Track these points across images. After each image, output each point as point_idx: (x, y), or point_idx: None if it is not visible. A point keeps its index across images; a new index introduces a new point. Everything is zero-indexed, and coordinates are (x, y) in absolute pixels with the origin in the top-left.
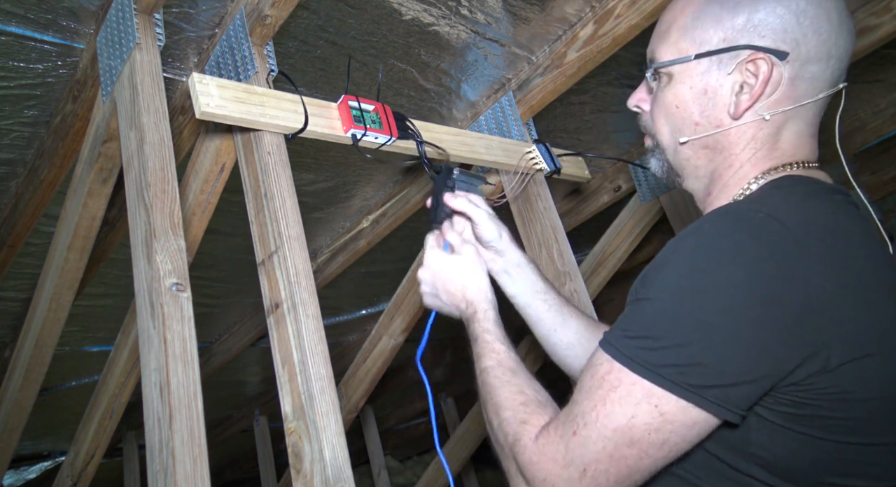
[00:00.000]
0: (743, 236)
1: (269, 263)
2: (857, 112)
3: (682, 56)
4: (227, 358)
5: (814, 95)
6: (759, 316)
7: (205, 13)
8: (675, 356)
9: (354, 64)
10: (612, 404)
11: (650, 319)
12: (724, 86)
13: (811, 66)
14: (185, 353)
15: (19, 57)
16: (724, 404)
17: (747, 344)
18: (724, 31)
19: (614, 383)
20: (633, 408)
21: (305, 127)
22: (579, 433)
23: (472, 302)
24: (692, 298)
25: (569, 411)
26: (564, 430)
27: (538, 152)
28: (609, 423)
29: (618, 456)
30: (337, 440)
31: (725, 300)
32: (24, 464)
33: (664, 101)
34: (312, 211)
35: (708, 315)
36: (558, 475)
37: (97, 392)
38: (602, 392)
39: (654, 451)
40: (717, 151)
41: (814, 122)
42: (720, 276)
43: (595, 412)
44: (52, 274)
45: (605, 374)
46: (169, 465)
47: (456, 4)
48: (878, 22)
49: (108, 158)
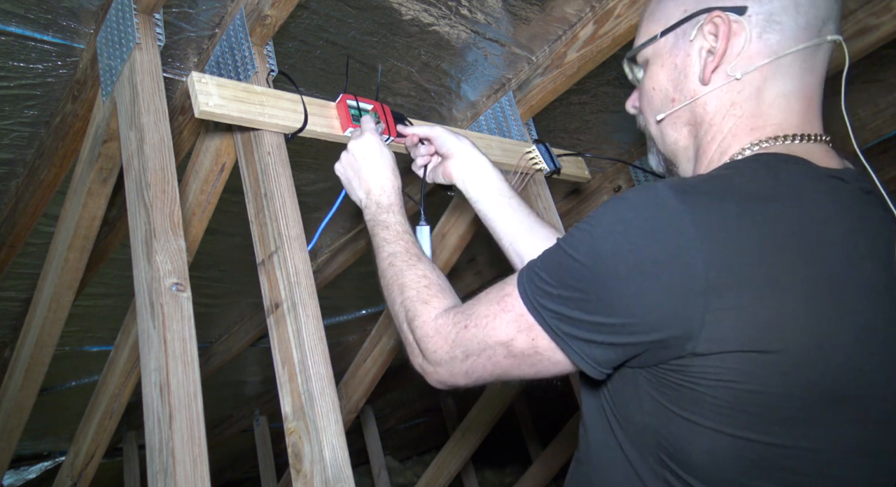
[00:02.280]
0: (641, 211)
1: (269, 263)
2: (857, 112)
3: (650, 37)
4: (227, 358)
5: (791, 47)
6: (634, 287)
7: (205, 13)
8: (558, 304)
9: (354, 64)
10: (501, 322)
11: (553, 267)
12: (690, 55)
13: (778, 16)
14: (185, 353)
15: (19, 57)
16: (585, 357)
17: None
18: (685, 4)
19: (509, 307)
20: (515, 333)
21: (305, 126)
22: (469, 328)
23: (384, 189)
24: (585, 258)
25: (470, 306)
26: (458, 320)
27: (538, 152)
28: (492, 334)
29: (494, 360)
30: (337, 440)
31: (608, 265)
32: (24, 464)
33: (645, 89)
34: (312, 211)
35: (592, 274)
36: (446, 351)
37: (97, 392)
38: (498, 307)
39: (526, 368)
40: (698, 126)
41: (805, 82)
42: (610, 242)
43: (486, 320)
44: (52, 274)
45: (507, 296)
46: (169, 465)
47: (456, 4)
48: (878, 22)
49: (108, 158)
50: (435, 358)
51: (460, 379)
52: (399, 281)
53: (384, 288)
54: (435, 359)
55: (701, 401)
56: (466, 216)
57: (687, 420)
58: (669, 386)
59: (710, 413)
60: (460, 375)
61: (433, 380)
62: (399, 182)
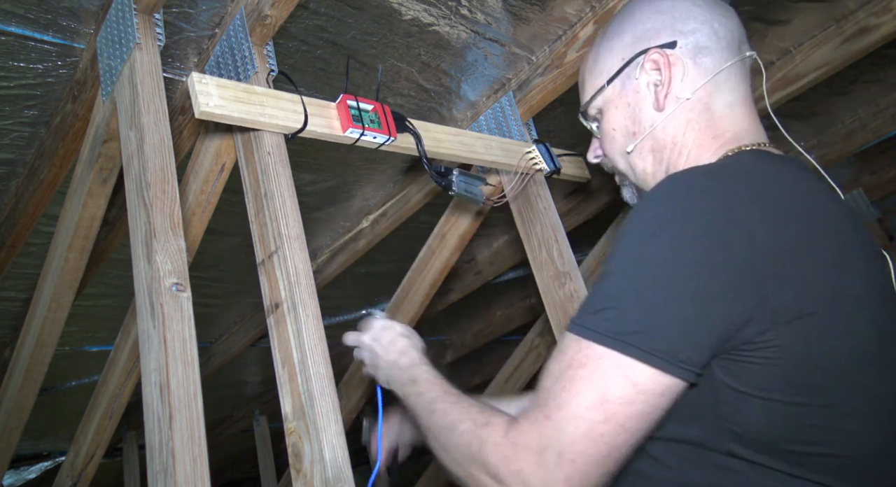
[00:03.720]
0: (684, 197)
1: (269, 263)
2: (857, 112)
3: (597, 89)
4: (227, 358)
5: (721, 65)
6: (707, 274)
7: (205, 13)
8: (636, 322)
9: (354, 64)
10: (583, 381)
11: (608, 291)
12: (639, 92)
13: (704, 43)
14: (185, 353)
15: (19, 57)
16: (687, 366)
17: (700, 303)
18: (621, 52)
19: (582, 360)
20: (605, 382)
21: (305, 126)
22: (552, 416)
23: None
24: (643, 264)
25: (537, 398)
26: (535, 417)
27: (538, 152)
28: (582, 401)
29: (594, 435)
30: (337, 440)
31: (674, 261)
32: (24, 464)
33: (605, 133)
34: (312, 211)
35: (660, 278)
36: (534, 463)
37: (97, 392)
38: (571, 371)
39: (631, 424)
40: (663, 149)
41: (741, 91)
42: (665, 239)
43: (566, 392)
44: (52, 274)
45: (574, 354)
46: (169, 465)
47: (456, 4)
48: (878, 22)
49: (108, 158)
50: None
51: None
52: (447, 422)
53: (433, 440)
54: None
55: (770, 373)
56: (467, 216)
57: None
58: (744, 366)
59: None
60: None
61: None
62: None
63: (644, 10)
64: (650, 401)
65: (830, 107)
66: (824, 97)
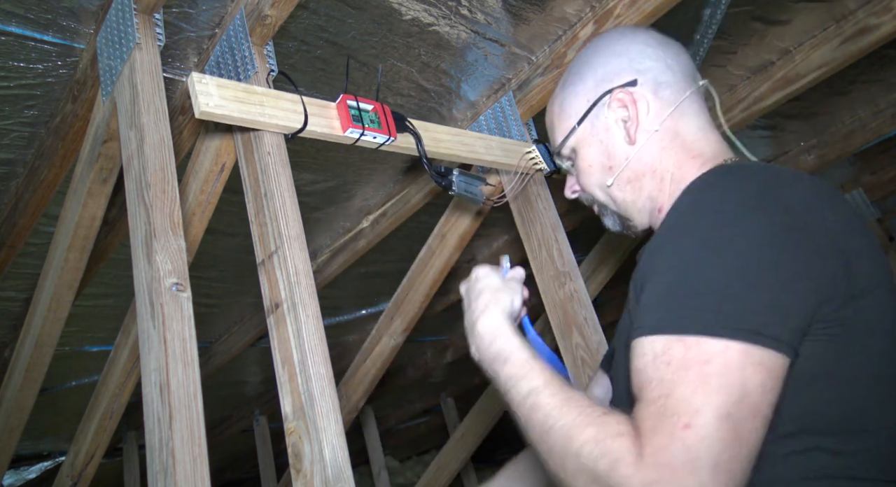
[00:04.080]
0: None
1: (269, 263)
2: (857, 112)
3: (568, 130)
4: (227, 358)
5: (681, 95)
6: (789, 257)
7: (205, 13)
8: (744, 311)
9: (354, 64)
10: (716, 378)
11: (693, 286)
12: (610, 129)
13: (661, 78)
14: (185, 353)
15: (19, 57)
16: (792, 347)
17: (790, 285)
18: (585, 95)
19: (702, 358)
20: (740, 374)
21: (305, 126)
22: (693, 423)
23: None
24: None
25: (666, 405)
26: (671, 429)
27: (538, 152)
28: (724, 400)
29: (745, 432)
30: (337, 440)
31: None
32: (24, 464)
33: (582, 170)
34: (312, 211)
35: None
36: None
37: (97, 392)
38: (694, 372)
39: (768, 412)
40: (641, 178)
41: (704, 116)
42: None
43: (700, 395)
44: (52, 274)
45: (685, 354)
46: (169, 465)
47: (456, 4)
48: (878, 22)
49: (108, 158)
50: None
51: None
52: (558, 425)
53: (537, 442)
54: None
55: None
56: (467, 216)
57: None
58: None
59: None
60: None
61: None
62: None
63: (601, 55)
64: (778, 386)
65: (830, 107)
66: (824, 97)
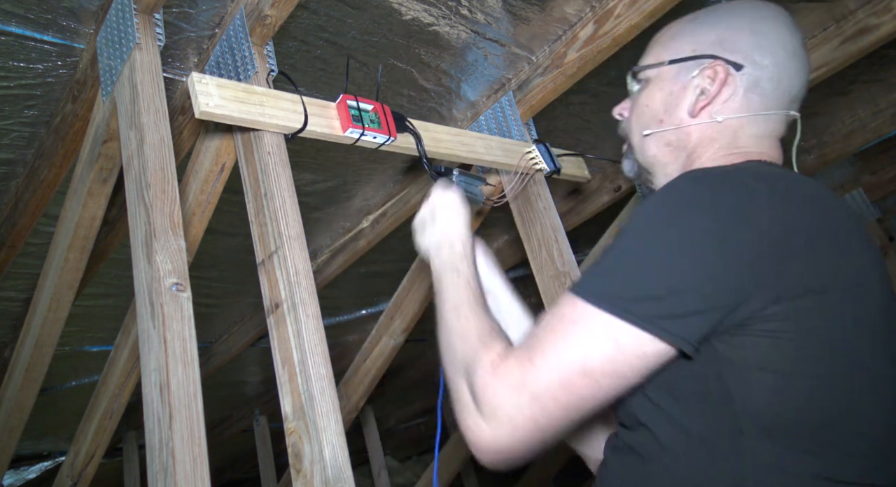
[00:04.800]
0: (700, 188)
1: (269, 263)
2: (857, 112)
3: (658, 61)
4: (227, 358)
5: (765, 109)
6: (711, 254)
7: (205, 13)
8: (633, 289)
9: (354, 64)
10: (572, 336)
11: (610, 262)
12: (687, 89)
13: (764, 83)
14: (185, 353)
15: (19, 57)
16: (676, 333)
17: (699, 278)
18: (696, 43)
19: (575, 318)
20: (591, 339)
21: (305, 126)
22: (536, 361)
23: (462, 239)
24: (650, 243)
25: (529, 341)
26: (521, 357)
27: (538, 152)
28: (567, 354)
29: (570, 385)
30: (337, 440)
31: (681, 240)
32: (24, 464)
33: (638, 103)
34: (312, 211)
35: (665, 252)
36: (508, 399)
37: (97, 392)
38: (563, 325)
39: (606, 381)
40: (679, 149)
41: (772, 133)
42: (677, 221)
43: (554, 343)
44: (52, 274)
45: (568, 311)
46: (169, 465)
47: (456, 4)
48: (878, 22)
49: (108, 158)
50: (494, 410)
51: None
52: (462, 326)
53: (443, 335)
54: (494, 412)
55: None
56: None
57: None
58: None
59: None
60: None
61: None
62: (467, 220)
63: (742, 20)
64: (629, 362)
65: (830, 107)
66: (824, 97)
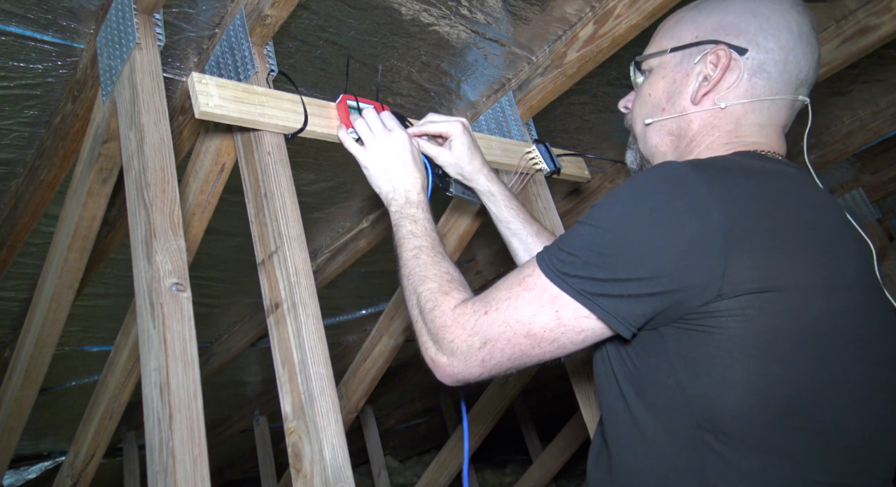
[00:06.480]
0: (661, 179)
1: (269, 263)
2: (857, 112)
3: (660, 50)
4: (227, 358)
5: (770, 95)
6: (659, 242)
7: (205, 13)
8: (584, 269)
9: (354, 64)
10: (523, 300)
11: (573, 240)
12: (689, 76)
13: (769, 67)
14: (185, 353)
15: (19, 57)
16: (614, 314)
17: (643, 265)
18: (698, 30)
19: (531, 285)
20: (538, 308)
21: (305, 126)
22: (489, 313)
23: (415, 186)
24: (607, 225)
25: (488, 294)
26: (478, 307)
27: (538, 152)
28: (514, 314)
29: (514, 341)
30: (337, 440)
31: (632, 226)
32: (24, 464)
33: (641, 93)
34: (312, 211)
35: (615, 237)
36: (463, 340)
37: (97, 392)
38: (519, 289)
39: (546, 345)
40: (680, 138)
41: (776, 122)
42: (630, 208)
43: (507, 302)
44: (52, 274)
45: (528, 276)
46: (169, 465)
47: (456, 4)
48: (878, 22)
49: (108, 158)
50: (451, 349)
51: (474, 368)
52: (422, 273)
53: (404, 277)
54: (451, 349)
55: (728, 345)
56: (466, 216)
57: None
58: (697, 335)
59: (737, 355)
60: (475, 365)
61: (445, 374)
62: (426, 182)
63: (747, 3)
64: (569, 336)
65: (830, 107)
66: (824, 97)
